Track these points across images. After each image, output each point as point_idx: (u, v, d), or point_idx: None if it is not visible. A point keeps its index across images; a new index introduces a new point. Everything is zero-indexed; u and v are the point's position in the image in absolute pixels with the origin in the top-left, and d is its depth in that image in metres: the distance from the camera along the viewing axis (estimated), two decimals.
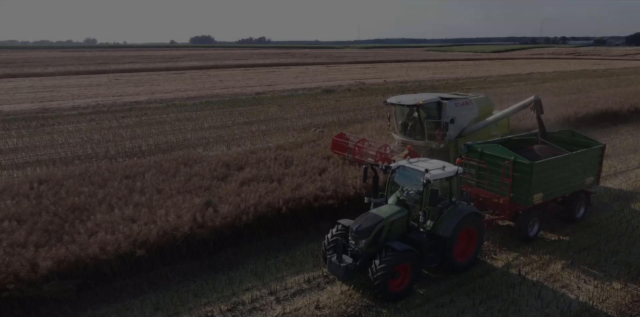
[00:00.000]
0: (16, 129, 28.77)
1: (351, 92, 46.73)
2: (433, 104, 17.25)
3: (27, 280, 10.19)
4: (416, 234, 11.19)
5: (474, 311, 10.41)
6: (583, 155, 14.65)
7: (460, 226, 11.36)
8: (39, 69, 67.64)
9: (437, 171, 11.23)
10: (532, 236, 13.79)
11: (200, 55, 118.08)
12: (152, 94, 44.95)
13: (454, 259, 11.53)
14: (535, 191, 13.27)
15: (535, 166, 12.97)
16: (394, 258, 10.28)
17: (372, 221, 10.89)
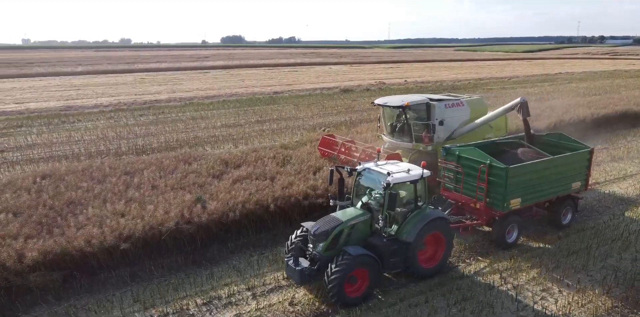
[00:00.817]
0: (37, 126, 29.83)
1: (369, 92, 46.62)
2: (421, 106, 17.02)
3: (13, 270, 10.67)
4: (376, 239, 10.93)
5: (447, 312, 10.38)
6: (567, 159, 14.12)
7: (425, 231, 11.07)
8: (69, 68, 69.88)
9: (401, 174, 10.95)
10: (511, 243, 13.35)
11: (228, 55, 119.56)
12: (173, 92, 45.84)
13: (418, 264, 11.26)
14: (512, 196, 12.85)
15: (510, 171, 12.54)
16: (348, 263, 10.06)
17: (330, 224, 10.69)
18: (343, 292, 10.17)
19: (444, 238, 11.66)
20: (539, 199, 13.83)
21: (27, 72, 63.63)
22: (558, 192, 14.16)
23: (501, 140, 15.62)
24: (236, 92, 46.09)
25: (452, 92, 47.42)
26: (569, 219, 14.73)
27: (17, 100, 40.94)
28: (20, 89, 49.66)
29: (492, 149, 14.53)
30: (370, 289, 10.65)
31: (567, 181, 14.26)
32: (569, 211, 14.70)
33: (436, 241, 11.68)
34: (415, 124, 17.07)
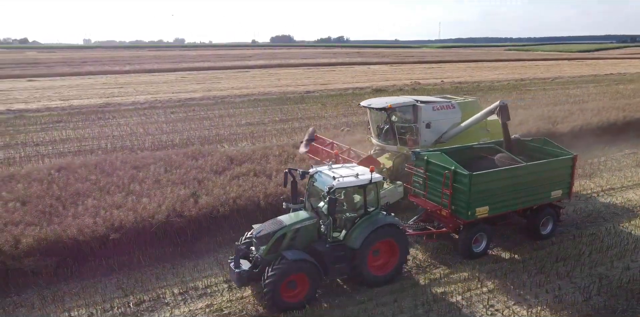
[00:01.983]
0: (75, 122, 31.51)
1: (402, 92, 46.19)
2: (407, 108, 16.81)
3: (9, 254, 11.53)
4: (319, 244, 10.73)
5: (413, 312, 10.41)
6: (543, 166, 13.36)
7: (373, 237, 10.80)
8: (118, 67, 73.04)
9: (348, 179, 10.70)
10: (478, 253, 12.80)
11: (271, 54, 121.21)
12: (208, 91, 47.13)
13: (367, 272, 10.97)
14: (478, 204, 12.25)
15: (474, 177, 11.95)
16: (284, 267, 9.94)
17: (273, 227, 10.65)
18: (278, 297, 10.02)
19: (397, 246, 11.29)
20: (511, 208, 13.12)
21: (78, 71, 67.03)
22: (534, 200, 13.46)
23: (479, 145, 14.89)
24: (269, 91, 46.87)
25: (490, 92, 46.43)
26: (550, 229, 13.96)
27: (63, 97, 43.29)
28: (69, 86, 52.40)
29: (470, 155, 14.10)
30: (310, 295, 10.42)
31: (545, 189, 13.47)
32: (549, 221, 13.94)
33: (389, 249, 11.32)
34: (400, 126, 16.79)
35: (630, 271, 12.18)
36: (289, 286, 10.16)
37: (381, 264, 11.34)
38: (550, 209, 13.98)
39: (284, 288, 10.09)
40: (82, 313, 10.52)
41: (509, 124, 15.14)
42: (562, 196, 14.00)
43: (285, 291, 10.12)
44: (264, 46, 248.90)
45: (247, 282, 10.53)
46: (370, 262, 11.09)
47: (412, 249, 13.25)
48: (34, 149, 24.23)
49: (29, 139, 26.54)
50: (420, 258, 12.94)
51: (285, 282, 10.04)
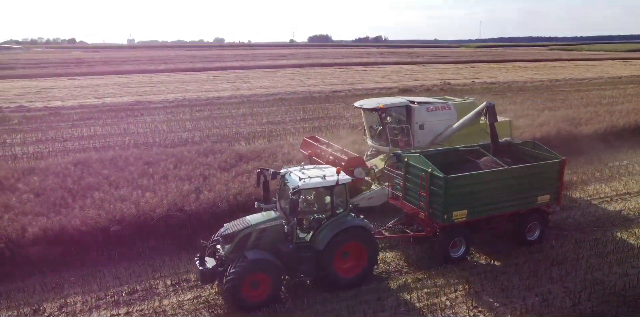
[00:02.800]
0: (104, 119, 32.71)
1: (429, 92, 45.76)
2: (400, 109, 16.67)
3: (17, 242, 12.24)
4: (283, 245, 10.73)
5: (395, 310, 10.48)
6: (527, 170, 12.93)
7: (338, 239, 10.71)
8: (153, 66, 75.15)
9: (314, 180, 10.71)
10: (457, 257, 12.48)
11: (305, 53, 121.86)
12: (237, 90, 47.98)
13: (333, 273, 10.89)
14: (455, 208, 11.99)
15: (449, 180, 11.70)
16: (244, 267, 10.00)
17: (239, 227, 10.76)
18: (238, 297, 10.08)
19: (365, 249, 11.19)
20: (493, 212, 12.77)
21: (116, 70, 69.38)
22: (519, 205, 13.03)
23: (465, 148, 14.48)
24: (296, 90, 47.28)
25: (520, 93, 45.42)
26: (537, 235, 13.51)
27: (98, 95, 44.96)
28: (106, 85, 54.31)
29: (457, 158, 13.81)
30: (272, 295, 10.44)
31: (531, 194, 13.02)
32: (536, 227, 13.50)
33: (358, 252, 11.21)
34: (392, 127, 16.64)
35: (629, 277, 11.83)
36: (252, 285, 10.16)
37: (350, 266, 11.20)
38: (537, 215, 13.51)
39: (246, 288, 10.10)
40: (77, 300, 11.06)
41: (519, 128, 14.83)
42: (550, 201, 13.46)
43: (247, 290, 10.13)
44: (301, 46, 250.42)
45: (211, 280, 10.58)
46: (339, 265, 11.00)
47: (402, 249, 13.29)
48: (62, 145, 25.35)
49: (59, 134, 27.76)
50: (410, 258, 12.91)
51: (246, 281, 10.06)
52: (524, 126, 24.34)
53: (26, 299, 11.07)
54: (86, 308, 10.79)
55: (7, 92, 47.37)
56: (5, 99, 42.63)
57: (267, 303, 10.36)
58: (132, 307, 10.78)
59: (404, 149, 15.81)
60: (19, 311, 10.60)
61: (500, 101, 39.19)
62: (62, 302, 10.94)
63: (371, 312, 10.41)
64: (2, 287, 11.58)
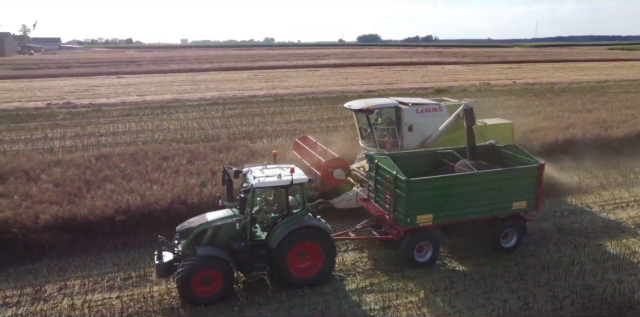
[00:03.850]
0: (141, 116, 34.21)
1: (466, 92, 45.01)
2: (390, 109, 16.56)
3: (30, 228, 13.21)
4: (236, 242, 10.91)
5: (371, 306, 10.66)
6: (502, 174, 12.54)
7: (292, 238, 10.83)
8: (198, 65, 77.45)
9: (269, 179, 10.89)
10: (423, 262, 12.23)
11: (349, 53, 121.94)
12: (272, 89, 48.83)
13: (287, 272, 11.03)
14: (420, 212, 11.79)
15: (412, 183, 11.50)
16: (194, 263, 10.24)
17: (195, 223, 11.07)
18: (188, 292, 10.35)
19: (321, 250, 11.23)
20: (462, 218, 12.44)
21: (163, 69, 72.03)
22: (492, 211, 12.64)
23: (441, 150, 14.12)
24: (331, 90, 47.61)
25: (561, 94, 43.86)
26: (514, 242, 13.06)
27: (140, 93, 46.94)
28: (150, 83, 56.53)
29: (435, 160, 13.59)
30: (224, 291, 10.61)
31: (505, 199, 12.57)
32: (513, 234, 13.05)
33: (315, 252, 11.27)
34: (377, 128, 16.55)
35: (622, 284, 11.49)
36: (203, 281, 10.38)
37: (307, 266, 11.28)
38: (513, 221, 13.09)
39: (197, 283, 10.33)
40: (76, 283, 11.86)
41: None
42: (528, 207, 12.95)
43: (198, 286, 10.36)
44: (348, 46, 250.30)
45: (166, 274, 10.83)
46: (295, 264, 11.13)
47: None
48: (96, 139, 26.77)
49: (96, 130, 29.29)
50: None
51: (197, 277, 10.29)
52: (549, 128, 23.69)
53: (31, 281, 11.96)
54: (82, 291, 11.56)
55: (59, 90, 50.24)
56: (56, 96, 45.28)
57: (217, 299, 10.55)
58: (124, 292, 11.45)
59: (390, 150, 15.79)
60: (22, 291, 11.49)
61: (537, 103, 38.12)
62: (62, 285, 11.76)
63: (347, 306, 10.62)
64: (13, 270, 12.55)
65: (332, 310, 10.58)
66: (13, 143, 25.99)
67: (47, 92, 48.19)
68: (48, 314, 10.60)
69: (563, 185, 18.12)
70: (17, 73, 67.14)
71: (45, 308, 10.84)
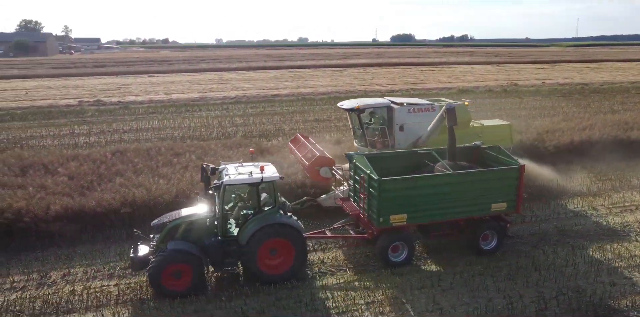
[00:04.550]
0: (165, 113, 35.17)
1: (490, 93, 44.44)
2: (381, 109, 16.53)
3: (41, 218, 13.95)
4: (207, 238, 11.16)
5: (353, 300, 10.85)
6: (479, 176, 12.46)
7: (261, 235, 11.03)
8: (227, 64, 78.75)
9: (241, 176, 11.15)
10: (398, 262, 12.18)
11: (378, 53, 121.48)
12: (297, 88, 49.29)
13: (256, 268, 11.23)
14: (393, 211, 11.79)
15: (383, 183, 11.54)
16: (164, 257, 10.58)
17: (169, 218, 11.41)
18: (159, 285, 10.66)
19: (292, 247, 11.37)
20: (438, 218, 12.40)
21: (193, 68, 73.59)
22: (470, 212, 12.52)
23: (421, 151, 14.05)
24: (355, 89, 47.69)
25: (591, 95, 42.73)
26: (494, 245, 12.86)
27: (168, 91, 48.19)
28: (179, 82, 57.91)
29: (418, 161, 13.51)
30: (194, 285, 10.85)
31: (484, 201, 12.43)
32: (492, 236, 12.85)
33: (286, 249, 11.42)
34: (372, 128, 16.58)
35: (615, 287, 11.33)
36: (173, 275, 10.69)
37: (278, 263, 11.47)
38: (493, 223, 12.92)
39: (167, 277, 10.65)
40: (79, 271, 12.49)
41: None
42: (508, 209, 12.78)
43: (169, 279, 10.67)
44: (382, 45, 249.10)
45: (140, 267, 11.12)
46: (266, 260, 11.34)
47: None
48: (119, 136, 27.72)
49: (120, 127, 30.32)
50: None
51: (167, 271, 10.61)
52: (566, 129, 23.27)
53: (38, 267, 12.65)
54: (84, 278, 12.17)
55: (92, 88, 52.06)
56: (88, 93, 46.99)
57: (188, 292, 10.80)
58: (122, 281, 11.98)
59: (380, 150, 15.91)
60: (29, 277, 12.19)
61: (563, 103, 37.31)
62: (66, 272, 12.40)
63: (341, 299, 10.86)
64: (24, 256, 13.30)
65: (317, 303, 10.85)
66: (42, 138, 27.18)
67: (81, 90, 50.04)
68: (49, 299, 11.20)
69: (569, 187, 17.86)
70: (55, 72, 69.88)
71: (48, 293, 11.48)
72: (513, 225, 14.82)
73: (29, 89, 51.39)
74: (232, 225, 11.69)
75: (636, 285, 11.37)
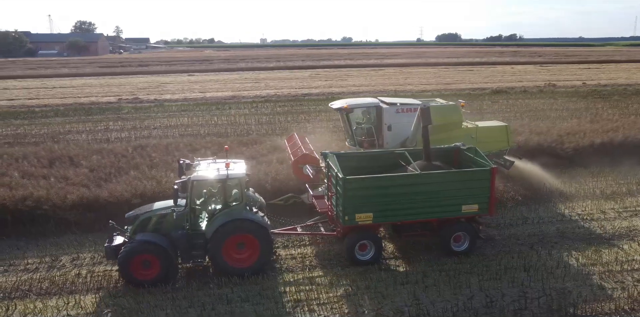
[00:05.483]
0: (195, 111, 36.31)
1: (525, 94, 43.39)
2: (370, 109, 16.53)
3: (59, 206, 14.99)
4: (174, 231, 11.72)
5: (334, 293, 11.20)
6: (448, 177, 12.43)
7: (225, 229, 11.45)
8: (265, 64, 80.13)
9: (207, 173, 11.70)
10: (366, 261, 12.31)
11: (419, 53, 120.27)
12: (329, 88, 49.72)
13: (222, 261, 11.67)
14: (358, 210, 11.93)
15: (347, 182, 11.69)
16: (132, 247, 11.20)
17: (142, 211, 12.03)
18: (127, 274, 11.32)
19: (257, 242, 11.76)
20: (407, 218, 12.49)
21: (231, 67, 75.30)
22: (440, 213, 12.50)
23: (398, 151, 13.96)
24: (386, 89, 47.68)
25: (633, 96, 41.03)
26: (466, 246, 12.76)
27: (203, 90, 49.65)
28: (216, 81, 59.48)
29: (394, 161, 13.47)
30: (162, 275, 11.41)
31: (454, 202, 12.39)
32: (464, 237, 12.76)
33: (252, 244, 11.82)
34: (361, 128, 16.66)
35: (603, 290, 11.21)
36: (143, 265, 11.31)
37: (245, 257, 11.90)
38: (464, 225, 12.86)
39: (137, 266, 11.28)
40: (87, 256, 13.41)
41: None
42: (480, 211, 12.69)
43: (138, 268, 11.31)
44: (425, 45, 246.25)
45: (113, 256, 11.64)
46: (232, 254, 11.80)
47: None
48: (148, 132, 28.88)
49: (151, 124, 31.55)
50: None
51: (135, 261, 11.23)
52: (589, 131, 22.67)
53: (52, 252, 13.66)
54: (91, 263, 13.06)
55: (133, 86, 54.26)
56: (128, 91, 49.08)
57: (155, 282, 11.37)
58: None
59: (367, 150, 16.06)
60: (42, 260, 13.20)
61: (599, 105, 36.05)
62: (75, 257, 13.34)
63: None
64: (41, 241, 14.36)
65: (301, 294, 11.25)
66: (78, 133, 28.69)
67: (122, 88, 52.26)
68: (57, 280, 12.12)
69: (580, 190, 17.54)
70: (102, 71, 73.19)
71: (56, 275, 12.42)
72: (510, 227, 14.88)
73: (75, 87, 54.15)
74: (203, 219, 12.23)
75: (625, 289, 11.16)
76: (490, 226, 14.90)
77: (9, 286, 11.88)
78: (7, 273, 12.61)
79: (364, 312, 10.52)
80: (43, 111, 37.30)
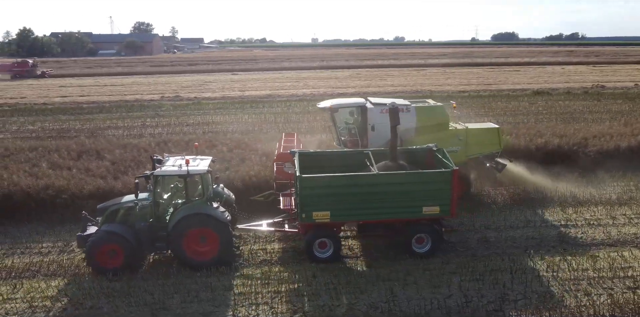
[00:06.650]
0: (230, 109, 37.28)
1: (569, 95, 41.85)
2: (355, 109, 16.43)
3: (77, 195, 16.08)
4: (139, 222, 12.28)
5: (311, 287, 11.54)
6: (406, 177, 12.36)
7: (185, 223, 11.92)
8: (308, 63, 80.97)
9: (170, 168, 12.31)
10: (324, 258, 12.46)
11: (466, 52, 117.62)
12: (365, 87, 49.68)
13: (182, 254, 12.17)
14: (315, 208, 12.07)
15: (302, 180, 11.91)
16: (98, 237, 11.88)
17: (112, 202, 12.74)
18: (93, 261, 11.95)
19: (216, 236, 12.12)
20: (366, 218, 12.60)
21: (275, 66, 76.63)
22: (400, 214, 12.47)
23: (366, 151, 13.89)
24: (423, 89, 47.27)
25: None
26: (428, 248, 12.66)
27: (243, 89, 50.94)
28: (257, 79, 60.76)
29: (362, 160, 13.40)
30: (126, 263, 12.01)
31: (414, 203, 12.30)
32: (427, 239, 12.65)
33: (212, 238, 12.20)
34: (345, 127, 16.70)
35: (589, 296, 10.96)
36: (109, 254, 11.95)
37: (207, 250, 12.32)
38: (427, 226, 12.77)
39: (102, 255, 11.92)
40: None
41: None
42: (442, 213, 12.56)
43: (104, 257, 11.95)
44: (479, 44, 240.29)
45: (83, 244, 12.25)
46: (194, 247, 12.26)
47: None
48: (180, 129, 30.08)
49: (184, 120, 32.81)
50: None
51: (101, 250, 11.89)
52: (617, 134, 21.80)
53: (66, 238, 14.68)
54: None
55: (178, 85, 56.34)
56: (171, 89, 51.00)
57: (120, 270, 12.00)
58: None
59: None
60: (55, 244, 14.27)
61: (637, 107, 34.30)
62: None
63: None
64: (59, 227, 15.46)
65: (283, 286, 11.67)
66: (116, 129, 30.27)
67: (167, 87, 54.35)
68: (64, 264, 13.09)
69: (594, 194, 17.00)
70: (152, 70, 76.30)
71: (64, 259, 13.39)
72: (510, 229, 14.68)
73: (125, 85, 56.80)
74: (169, 213, 12.80)
75: (613, 296, 10.83)
76: (489, 228, 14.80)
77: (22, 266, 12.95)
78: (23, 255, 13.72)
79: (338, 306, 10.78)
80: (89, 108, 39.48)
